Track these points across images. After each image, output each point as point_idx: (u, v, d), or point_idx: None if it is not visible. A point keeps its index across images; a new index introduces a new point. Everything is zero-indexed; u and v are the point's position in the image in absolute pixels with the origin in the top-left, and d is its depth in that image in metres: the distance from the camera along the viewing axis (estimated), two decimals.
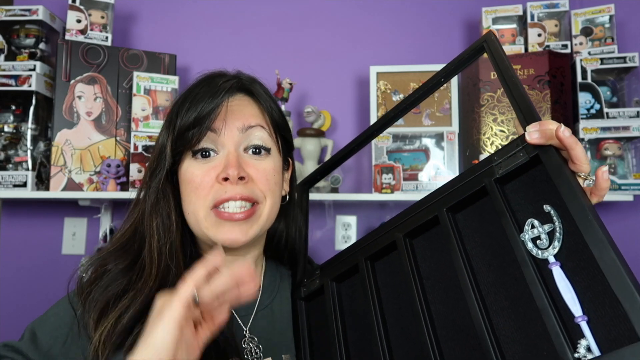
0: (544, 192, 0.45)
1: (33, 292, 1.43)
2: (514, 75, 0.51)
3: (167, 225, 0.59)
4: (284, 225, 0.71)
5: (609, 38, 1.35)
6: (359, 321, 0.59)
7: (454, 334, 0.48)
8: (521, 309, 0.43)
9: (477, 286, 0.46)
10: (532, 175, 0.46)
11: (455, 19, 1.55)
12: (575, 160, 0.44)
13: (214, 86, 0.60)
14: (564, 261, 0.42)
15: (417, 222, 0.54)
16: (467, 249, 0.49)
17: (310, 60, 1.55)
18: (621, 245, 0.39)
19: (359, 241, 0.62)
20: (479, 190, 0.49)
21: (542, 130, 0.44)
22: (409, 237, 0.55)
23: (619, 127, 1.27)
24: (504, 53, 0.54)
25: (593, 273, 0.39)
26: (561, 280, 0.41)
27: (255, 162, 0.60)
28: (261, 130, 0.61)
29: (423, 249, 0.54)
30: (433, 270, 0.52)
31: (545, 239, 0.43)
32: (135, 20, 1.57)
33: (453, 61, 0.60)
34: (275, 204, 0.62)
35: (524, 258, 0.43)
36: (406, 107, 0.66)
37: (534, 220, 0.44)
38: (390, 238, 0.56)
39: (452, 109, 1.37)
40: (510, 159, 0.47)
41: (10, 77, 1.28)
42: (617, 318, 0.37)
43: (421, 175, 1.35)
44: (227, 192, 0.56)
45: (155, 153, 0.61)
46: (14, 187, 1.27)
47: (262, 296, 0.66)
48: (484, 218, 0.49)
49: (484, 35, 0.56)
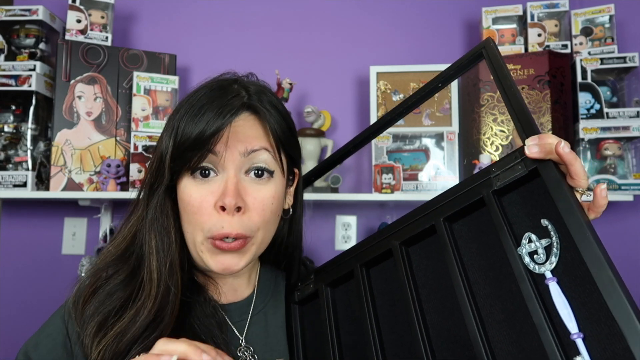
0: (542, 206, 0.45)
1: (33, 292, 1.43)
2: (513, 85, 0.51)
3: (166, 243, 0.58)
4: (286, 232, 0.70)
5: (609, 38, 1.35)
6: (353, 327, 0.59)
7: (449, 344, 0.48)
8: (517, 323, 0.43)
9: (473, 298, 0.47)
10: (529, 188, 0.46)
11: (455, 19, 1.55)
12: (574, 175, 0.43)
13: (220, 102, 0.57)
14: (561, 277, 0.42)
15: (414, 230, 0.54)
16: (464, 259, 0.49)
17: (310, 60, 1.55)
18: (621, 245, 0.39)
19: (354, 247, 0.61)
20: (477, 202, 0.49)
21: (541, 145, 0.44)
22: (405, 245, 0.55)
23: (619, 127, 1.27)
24: (503, 60, 0.53)
25: (589, 290, 0.39)
26: (558, 297, 0.41)
27: (255, 188, 0.58)
28: (265, 153, 0.58)
29: (419, 258, 0.54)
30: (429, 279, 0.52)
31: (542, 254, 0.43)
32: (135, 20, 1.57)
33: (451, 66, 0.60)
34: (269, 232, 0.61)
35: (520, 272, 0.43)
36: (403, 111, 0.65)
37: (532, 234, 0.44)
38: (386, 245, 0.56)
39: (452, 109, 1.37)
40: (509, 171, 0.47)
41: (10, 77, 1.28)
42: (612, 336, 0.37)
43: (421, 175, 1.35)
44: (224, 228, 0.55)
45: (155, 162, 0.60)
46: (14, 187, 1.27)
47: (256, 300, 0.66)
48: (480, 229, 0.49)
49: (483, 42, 0.56)
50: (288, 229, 0.70)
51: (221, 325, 0.58)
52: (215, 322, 0.58)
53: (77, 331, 0.55)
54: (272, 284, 0.70)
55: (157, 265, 0.57)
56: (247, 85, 0.61)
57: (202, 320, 0.57)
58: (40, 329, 0.59)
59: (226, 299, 0.64)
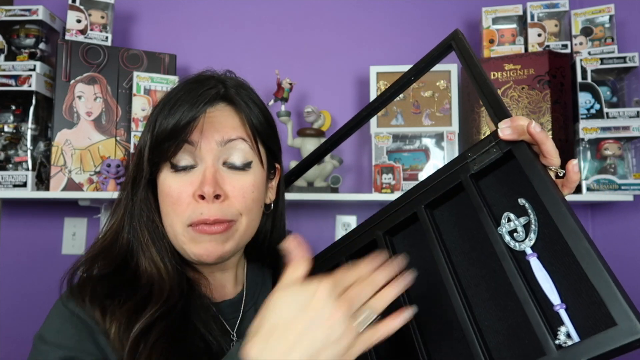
0: (518, 186, 0.47)
1: (33, 292, 1.43)
2: (483, 72, 0.53)
3: (159, 235, 0.59)
4: (269, 228, 0.70)
5: (609, 38, 1.35)
6: None
7: (439, 326, 0.49)
8: (501, 300, 0.45)
9: (459, 280, 0.48)
10: (505, 170, 0.49)
11: (455, 19, 1.55)
12: (546, 154, 0.45)
13: (195, 94, 0.58)
14: (541, 252, 0.43)
15: (396, 219, 0.55)
16: (447, 244, 0.51)
17: (310, 60, 1.55)
18: (621, 245, 0.40)
19: (339, 240, 0.62)
20: (456, 187, 0.51)
21: (514, 127, 0.46)
22: (389, 234, 0.56)
23: (619, 127, 1.27)
24: (472, 50, 0.56)
25: (568, 262, 0.41)
26: (539, 271, 0.42)
27: (234, 178, 0.58)
28: (242, 142, 0.58)
29: (403, 246, 0.56)
30: (414, 267, 0.53)
31: (521, 232, 0.45)
32: (135, 20, 1.57)
33: (423, 59, 0.62)
34: (253, 221, 0.61)
35: (502, 251, 0.45)
36: (378, 106, 0.68)
37: (510, 213, 0.46)
38: (370, 236, 0.57)
39: (452, 109, 1.37)
40: (484, 154, 0.49)
41: (10, 77, 1.28)
42: (593, 305, 0.38)
43: (421, 175, 1.35)
44: (202, 214, 0.55)
45: (135, 158, 0.60)
46: (14, 187, 1.27)
47: (245, 297, 0.66)
48: (461, 213, 0.51)
49: (451, 34, 0.58)
50: (271, 225, 0.69)
51: (215, 319, 0.59)
52: (211, 315, 0.58)
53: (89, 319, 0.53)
54: (260, 280, 0.70)
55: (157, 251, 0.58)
56: (225, 80, 0.62)
57: (199, 314, 0.57)
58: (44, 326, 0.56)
59: (216, 296, 0.64)
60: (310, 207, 1.49)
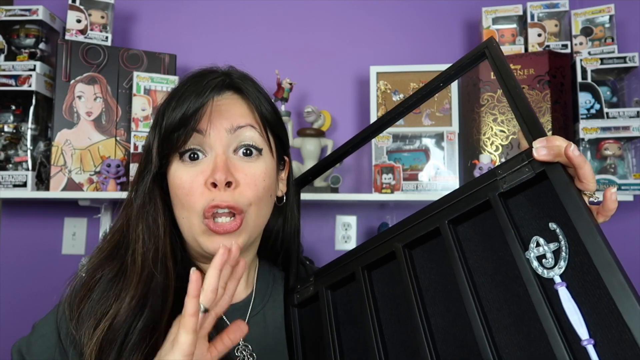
0: (549, 209, 0.44)
1: (33, 292, 1.43)
2: (517, 85, 0.50)
3: (153, 230, 0.57)
4: (281, 224, 0.69)
5: (609, 38, 1.35)
6: (355, 330, 0.58)
7: (455, 349, 0.47)
8: (524, 328, 0.43)
9: (480, 302, 0.46)
10: (536, 191, 0.45)
11: (455, 19, 1.55)
12: (582, 178, 0.42)
13: (200, 84, 0.57)
14: (570, 281, 0.41)
15: (417, 233, 0.53)
16: (469, 262, 0.48)
17: (310, 60, 1.55)
18: (621, 245, 0.39)
19: (355, 249, 0.61)
20: (482, 204, 0.48)
21: (550, 147, 0.43)
22: (409, 247, 0.54)
23: (619, 127, 1.27)
24: (506, 60, 0.52)
25: (600, 295, 0.38)
26: (567, 302, 0.40)
27: (245, 166, 0.57)
28: (251, 130, 0.58)
29: (423, 261, 0.53)
30: (433, 283, 0.51)
31: (550, 258, 0.42)
32: (135, 20, 1.57)
33: (452, 66, 0.59)
34: (262, 210, 0.60)
35: (529, 277, 0.42)
36: (403, 111, 0.65)
37: (540, 238, 0.43)
38: (389, 248, 0.55)
39: (452, 109, 1.37)
40: (515, 173, 0.46)
41: (10, 77, 1.28)
42: (623, 342, 0.36)
43: (421, 175, 1.35)
44: (214, 200, 0.55)
45: (143, 155, 0.60)
46: (14, 187, 1.27)
47: (254, 301, 0.65)
48: (486, 232, 0.48)
49: (485, 41, 0.54)
50: (283, 220, 0.69)
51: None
52: None
53: (72, 333, 0.54)
54: (271, 283, 0.69)
55: (142, 252, 0.56)
56: (230, 72, 0.62)
57: None
58: (34, 329, 0.58)
59: None
60: (310, 207, 1.49)
